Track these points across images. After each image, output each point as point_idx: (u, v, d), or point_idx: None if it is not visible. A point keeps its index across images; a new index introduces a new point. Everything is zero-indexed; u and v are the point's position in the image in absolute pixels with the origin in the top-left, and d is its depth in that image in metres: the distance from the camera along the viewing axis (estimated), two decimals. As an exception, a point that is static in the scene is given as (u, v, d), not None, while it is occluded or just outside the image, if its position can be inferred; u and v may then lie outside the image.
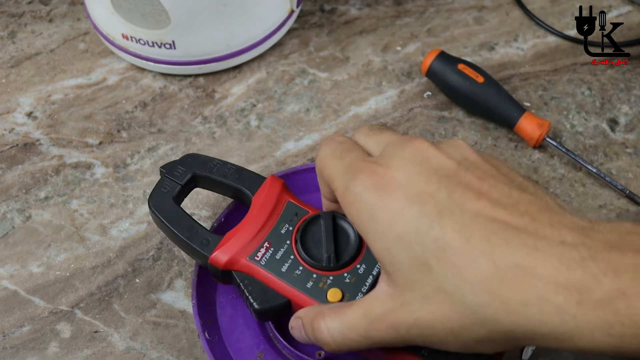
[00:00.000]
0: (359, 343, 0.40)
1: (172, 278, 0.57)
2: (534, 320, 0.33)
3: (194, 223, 0.51)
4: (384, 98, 0.66)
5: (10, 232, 0.59)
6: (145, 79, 0.67)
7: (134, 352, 0.54)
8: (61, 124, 0.65)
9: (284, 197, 0.52)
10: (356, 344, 0.40)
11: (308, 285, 0.49)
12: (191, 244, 0.50)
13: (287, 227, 0.51)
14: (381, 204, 0.37)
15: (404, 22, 0.71)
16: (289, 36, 0.70)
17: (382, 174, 0.38)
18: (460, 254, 0.34)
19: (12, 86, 0.67)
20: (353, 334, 0.40)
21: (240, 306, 0.54)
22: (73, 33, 0.70)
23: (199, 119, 0.65)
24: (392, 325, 0.38)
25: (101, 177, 0.62)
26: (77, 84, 0.67)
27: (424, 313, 0.36)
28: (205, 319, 0.52)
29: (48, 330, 0.55)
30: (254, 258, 0.50)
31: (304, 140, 0.64)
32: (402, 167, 0.38)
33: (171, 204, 0.52)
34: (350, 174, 0.39)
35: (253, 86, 0.67)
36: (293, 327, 0.46)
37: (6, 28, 0.70)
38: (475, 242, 0.34)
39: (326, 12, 0.72)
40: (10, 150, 0.63)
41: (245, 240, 0.50)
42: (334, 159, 0.42)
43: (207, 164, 0.53)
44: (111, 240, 0.59)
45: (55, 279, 0.57)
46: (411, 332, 0.37)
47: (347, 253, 0.50)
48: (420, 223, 0.36)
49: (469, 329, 0.35)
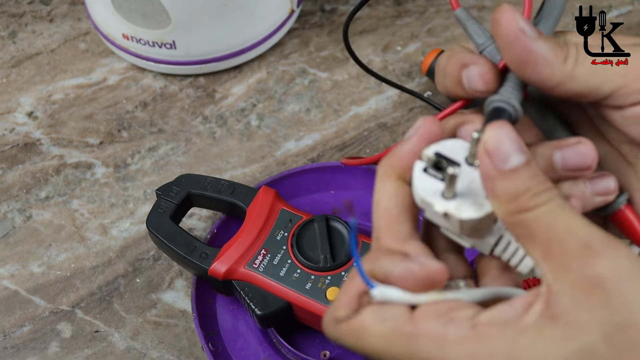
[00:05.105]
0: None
1: (173, 278, 0.57)
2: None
3: (192, 239, 0.53)
4: (384, 98, 0.66)
5: (11, 232, 0.59)
6: (146, 79, 0.67)
7: (135, 351, 0.54)
8: (62, 124, 0.65)
9: (278, 205, 0.54)
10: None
11: (307, 286, 0.50)
12: (191, 259, 0.52)
13: (283, 233, 0.52)
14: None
15: (404, 22, 0.71)
16: (290, 36, 0.70)
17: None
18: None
19: (13, 86, 0.67)
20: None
21: (242, 315, 0.54)
22: (74, 33, 0.70)
23: (199, 118, 0.65)
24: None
25: (102, 177, 0.62)
26: (78, 84, 0.67)
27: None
28: (207, 330, 0.53)
29: (49, 330, 0.55)
30: (252, 266, 0.51)
31: (304, 140, 0.64)
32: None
33: (168, 222, 0.53)
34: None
35: (253, 86, 0.67)
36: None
37: (7, 28, 0.70)
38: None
39: (326, 12, 0.72)
40: (10, 150, 0.63)
41: (242, 249, 0.51)
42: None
43: (201, 182, 0.55)
44: (112, 240, 0.59)
45: (55, 279, 0.57)
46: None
47: (343, 252, 0.51)
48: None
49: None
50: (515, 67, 0.35)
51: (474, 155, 0.33)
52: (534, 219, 0.31)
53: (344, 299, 0.33)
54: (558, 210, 0.31)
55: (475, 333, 0.31)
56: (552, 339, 0.30)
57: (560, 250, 0.30)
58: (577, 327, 0.30)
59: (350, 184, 0.59)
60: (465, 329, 0.31)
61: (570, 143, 0.35)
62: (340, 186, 0.59)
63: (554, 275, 0.31)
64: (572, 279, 0.30)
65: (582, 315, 0.30)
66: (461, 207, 0.32)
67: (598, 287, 0.29)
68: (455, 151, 0.33)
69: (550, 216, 0.31)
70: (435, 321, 0.31)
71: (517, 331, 0.30)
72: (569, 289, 0.30)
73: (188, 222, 0.60)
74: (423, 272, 0.32)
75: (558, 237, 0.31)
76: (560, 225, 0.31)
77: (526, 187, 0.31)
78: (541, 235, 0.31)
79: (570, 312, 0.30)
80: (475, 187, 0.33)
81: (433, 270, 0.32)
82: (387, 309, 0.32)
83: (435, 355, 0.31)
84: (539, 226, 0.31)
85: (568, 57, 0.35)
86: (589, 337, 0.29)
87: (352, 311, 0.33)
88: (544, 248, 0.31)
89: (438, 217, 0.33)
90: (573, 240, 0.30)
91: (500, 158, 0.31)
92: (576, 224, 0.31)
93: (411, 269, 0.32)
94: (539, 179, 0.32)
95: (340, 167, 0.59)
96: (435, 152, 0.33)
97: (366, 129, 0.64)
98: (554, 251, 0.31)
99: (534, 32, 0.34)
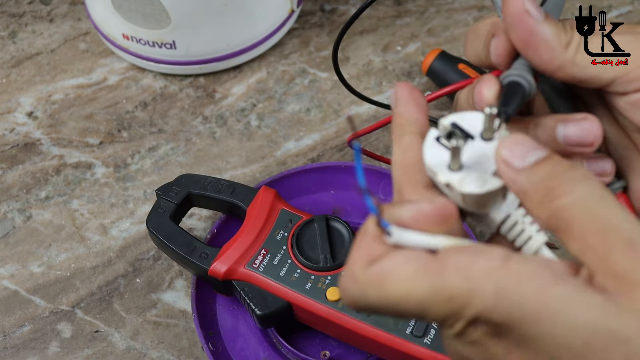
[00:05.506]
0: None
1: (173, 278, 0.57)
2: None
3: (192, 239, 0.53)
4: (384, 98, 0.66)
5: (11, 232, 0.59)
6: (146, 79, 0.67)
7: (135, 351, 0.54)
8: (62, 124, 0.65)
9: (277, 205, 0.54)
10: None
11: (307, 286, 0.50)
12: (191, 259, 0.52)
13: (283, 233, 0.52)
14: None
15: (404, 22, 0.71)
16: (290, 36, 0.70)
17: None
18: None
19: (13, 86, 0.67)
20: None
21: (242, 315, 0.54)
22: (74, 33, 0.70)
23: (199, 118, 0.65)
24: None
25: (102, 177, 0.62)
26: (78, 84, 0.67)
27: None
28: (207, 330, 0.53)
29: (49, 330, 0.55)
30: (252, 266, 0.51)
31: (304, 140, 0.64)
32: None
33: (168, 222, 0.53)
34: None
35: (253, 86, 0.67)
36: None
37: (7, 28, 0.70)
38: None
39: (326, 12, 0.72)
40: (11, 150, 0.63)
41: (242, 249, 0.51)
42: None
43: (201, 182, 0.55)
44: (112, 240, 0.59)
45: (55, 279, 0.57)
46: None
47: (343, 252, 0.51)
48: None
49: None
50: (519, 47, 0.35)
51: (488, 130, 0.33)
52: (570, 206, 0.29)
53: (359, 254, 0.31)
54: (596, 198, 0.29)
55: (506, 265, 0.29)
56: (590, 306, 0.28)
57: (602, 245, 0.29)
58: (619, 308, 0.28)
59: (351, 183, 0.59)
60: (496, 261, 0.29)
61: (575, 118, 0.35)
62: (340, 186, 0.59)
63: (596, 269, 0.29)
64: (615, 274, 0.28)
65: (624, 303, 0.28)
66: (464, 181, 0.32)
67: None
68: (473, 124, 0.33)
69: (588, 203, 0.29)
70: (463, 254, 0.30)
71: (554, 279, 0.29)
72: (611, 282, 0.29)
73: (188, 222, 0.60)
74: (432, 208, 0.31)
75: (598, 228, 0.29)
76: (600, 215, 0.29)
77: (554, 173, 0.30)
78: (579, 226, 0.29)
79: (613, 296, 0.28)
80: (484, 162, 0.32)
81: (441, 205, 0.31)
82: (409, 252, 0.31)
83: (462, 287, 0.29)
84: (577, 214, 0.29)
85: (571, 43, 0.35)
86: (628, 324, 0.28)
87: (370, 262, 0.31)
88: (583, 241, 0.29)
89: (443, 188, 0.33)
90: (615, 235, 0.29)
91: (519, 159, 0.31)
92: (617, 215, 0.29)
93: (420, 207, 0.31)
94: (567, 165, 0.31)
95: (340, 167, 0.59)
96: (452, 122, 0.33)
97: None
98: (594, 246, 0.29)
99: (540, 15, 0.34)
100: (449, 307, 0.29)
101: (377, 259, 0.31)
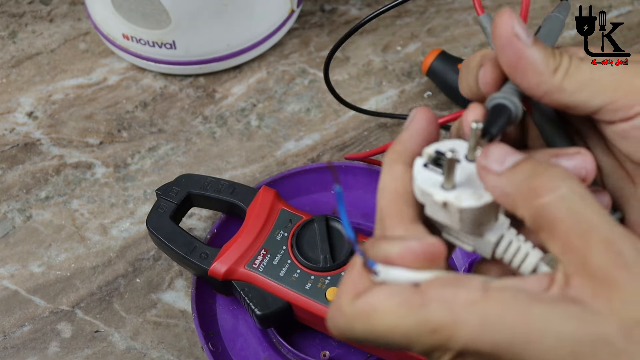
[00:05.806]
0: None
1: (173, 278, 0.57)
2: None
3: (192, 239, 0.53)
4: (384, 98, 0.66)
5: (11, 231, 0.59)
6: (146, 79, 0.67)
7: (135, 351, 0.54)
8: (62, 124, 0.65)
9: (277, 206, 0.54)
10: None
11: (307, 287, 0.50)
12: (191, 259, 0.52)
13: (282, 233, 0.53)
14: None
15: (404, 22, 0.71)
16: (290, 36, 0.70)
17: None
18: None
19: (13, 86, 0.67)
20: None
21: (242, 315, 0.54)
22: (74, 33, 0.70)
23: (199, 118, 0.65)
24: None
25: (102, 177, 0.62)
26: (78, 84, 0.67)
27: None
28: (207, 330, 0.53)
29: (49, 330, 0.55)
30: (252, 266, 0.51)
31: (304, 140, 0.64)
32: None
33: (168, 222, 0.53)
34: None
35: (253, 86, 0.67)
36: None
37: (7, 28, 0.71)
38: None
39: (326, 12, 0.72)
40: (11, 150, 0.63)
41: (242, 249, 0.52)
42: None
43: (201, 182, 0.55)
44: (112, 240, 0.59)
45: (55, 279, 0.57)
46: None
47: (343, 252, 0.51)
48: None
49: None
50: (507, 70, 0.35)
51: (473, 147, 0.33)
52: (554, 204, 0.30)
53: (346, 287, 0.32)
54: (578, 197, 0.30)
55: (486, 296, 0.30)
56: (568, 318, 0.29)
57: (582, 244, 0.30)
58: (595, 315, 0.29)
59: (350, 184, 0.59)
60: (476, 292, 0.30)
61: (568, 153, 0.35)
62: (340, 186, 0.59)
63: (575, 268, 0.30)
64: (593, 274, 0.29)
65: (602, 307, 0.29)
66: (461, 197, 0.32)
67: (621, 285, 0.29)
68: (455, 150, 0.33)
69: (571, 202, 0.30)
70: (444, 287, 0.31)
71: (531, 300, 0.30)
72: (589, 283, 0.29)
73: (188, 222, 0.60)
74: (421, 247, 0.32)
75: (580, 228, 0.30)
76: (582, 214, 0.30)
77: (535, 171, 0.31)
78: (562, 225, 0.30)
79: (591, 302, 0.29)
80: (474, 180, 0.33)
81: (430, 244, 0.32)
82: (393, 286, 0.31)
83: (445, 320, 0.30)
84: (560, 213, 0.30)
85: (559, 68, 0.34)
86: (607, 327, 0.29)
87: (356, 296, 0.32)
88: (565, 241, 0.30)
89: (438, 212, 0.33)
90: (595, 235, 0.30)
91: (498, 163, 0.32)
92: (598, 215, 0.30)
93: (409, 245, 0.32)
94: (547, 163, 0.31)
95: (340, 167, 0.59)
96: (435, 150, 0.34)
97: (366, 129, 0.64)
98: (575, 244, 0.30)
99: (529, 38, 0.34)
100: (434, 339, 0.30)
101: (363, 292, 0.32)
